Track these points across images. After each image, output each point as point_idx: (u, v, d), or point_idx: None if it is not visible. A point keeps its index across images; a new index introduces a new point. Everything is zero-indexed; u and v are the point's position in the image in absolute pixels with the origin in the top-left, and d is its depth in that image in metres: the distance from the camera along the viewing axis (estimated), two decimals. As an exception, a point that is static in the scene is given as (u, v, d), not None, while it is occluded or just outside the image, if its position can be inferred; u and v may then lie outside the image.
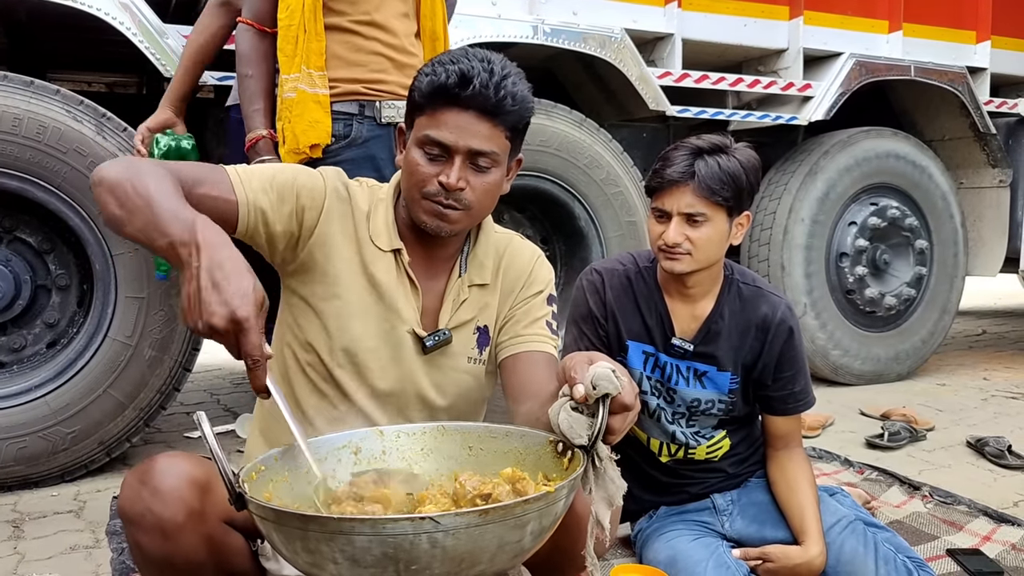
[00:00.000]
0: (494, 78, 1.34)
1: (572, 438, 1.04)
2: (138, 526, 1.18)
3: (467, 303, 1.53)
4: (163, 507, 1.16)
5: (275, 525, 0.89)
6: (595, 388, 1.02)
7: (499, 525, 0.87)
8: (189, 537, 1.19)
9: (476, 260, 1.55)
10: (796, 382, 1.95)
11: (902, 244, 4.42)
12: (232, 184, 1.35)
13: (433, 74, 1.37)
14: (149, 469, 1.20)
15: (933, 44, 4.42)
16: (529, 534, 0.92)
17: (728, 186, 1.77)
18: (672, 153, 1.81)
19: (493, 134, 1.38)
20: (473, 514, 0.85)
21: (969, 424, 3.58)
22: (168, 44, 2.76)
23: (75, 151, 2.64)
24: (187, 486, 1.19)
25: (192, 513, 1.19)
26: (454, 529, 0.84)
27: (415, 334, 1.49)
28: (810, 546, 1.82)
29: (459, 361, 1.54)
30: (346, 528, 0.84)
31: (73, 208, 2.68)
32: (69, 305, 2.88)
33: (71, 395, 2.69)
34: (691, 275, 1.87)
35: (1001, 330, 6.54)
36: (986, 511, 2.47)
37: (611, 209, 3.52)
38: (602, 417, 1.02)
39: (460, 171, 1.38)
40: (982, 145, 4.63)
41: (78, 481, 2.74)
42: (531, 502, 0.89)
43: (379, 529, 0.83)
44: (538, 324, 1.56)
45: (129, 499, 1.19)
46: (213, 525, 1.24)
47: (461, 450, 1.18)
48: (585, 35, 3.44)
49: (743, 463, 2.07)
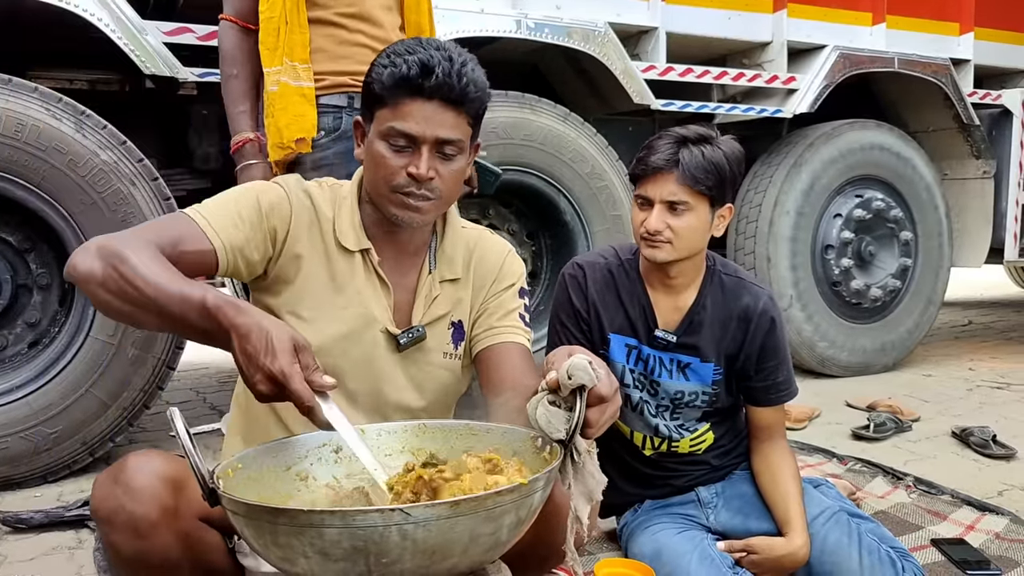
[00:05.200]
0: (455, 66, 1.34)
1: (550, 432, 1.04)
2: (111, 525, 1.16)
3: (439, 299, 1.53)
4: (136, 504, 1.15)
5: (246, 520, 0.88)
6: (571, 379, 1.01)
7: (471, 517, 0.86)
8: (163, 535, 1.18)
9: (445, 255, 1.54)
10: (779, 372, 1.95)
11: (887, 236, 4.43)
12: (203, 231, 1.33)
13: (392, 65, 1.35)
14: (121, 467, 1.18)
15: (916, 36, 4.43)
16: (505, 527, 0.91)
17: (712, 175, 1.77)
18: (656, 141, 1.81)
19: (458, 122, 1.38)
20: (444, 506, 0.84)
21: (954, 414, 3.59)
22: (148, 41, 2.74)
23: (54, 149, 2.62)
24: (160, 483, 1.18)
25: (166, 510, 1.17)
26: (425, 521, 0.83)
27: (388, 332, 1.48)
28: (794, 537, 1.82)
29: (434, 357, 1.53)
30: (316, 521, 0.84)
31: (53, 206, 2.66)
32: (50, 304, 2.86)
33: (53, 395, 2.67)
34: (673, 265, 1.86)
35: (986, 320, 6.57)
36: (969, 500, 2.48)
37: (596, 203, 3.52)
38: (579, 410, 1.02)
39: (429, 161, 1.37)
40: (966, 136, 4.65)
41: (61, 482, 2.72)
42: (504, 494, 0.88)
43: (348, 521, 0.83)
44: (511, 316, 1.55)
45: (101, 498, 1.17)
46: (188, 522, 1.23)
47: (442, 447, 1.17)
48: (569, 29, 3.43)
49: (727, 455, 2.06)
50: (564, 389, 1.03)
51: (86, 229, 2.69)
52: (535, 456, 1.09)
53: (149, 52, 2.74)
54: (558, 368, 1.05)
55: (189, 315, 1.13)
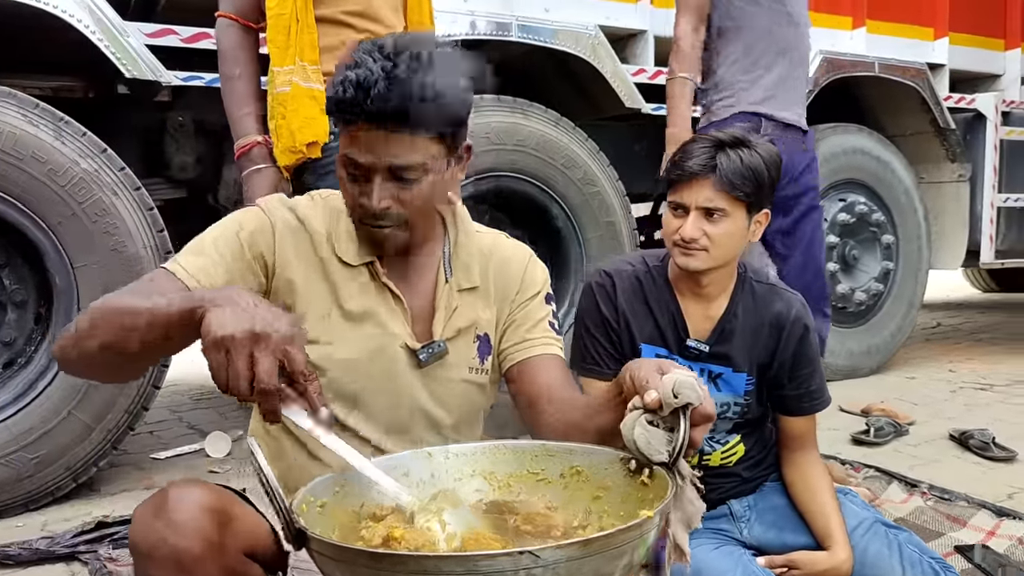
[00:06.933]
0: (395, 84, 1.16)
1: (650, 455, 0.96)
2: (152, 560, 1.07)
3: (460, 310, 1.43)
4: (179, 538, 1.06)
5: (343, 565, 0.79)
6: (676, 397, 0.93)
7: (599, 557, 0.78)
8: (208, 570, 1.08)
9: (460, 263, 1.44)
10: (812, 380, 1.90)
11: (869, 239, 4.45)
12: (182, 281, 1.24)
13: (334, 84, 1.21)
14: (163, 499, 1.09)
15: (894, 41, 4.47)
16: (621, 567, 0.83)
17: (750, 181, 1.71)
18: (692, 145, 1.75)
19: (413, 144, 1.21)
20: (575, 546, 0.76)
21: (946, 417, 3.60)
22: (130, 43, 2.60)
23: (32, 157, 2.47)
24: (205, 516, 1.09)
25: (211, 544, 1.08)
26: (554, 563, 0.75)
27: (408, 347, 1.38)
28: (837, 551, 1.77)
29: (459, 372, 1.43)
30: (432, 568, 0.75)
31: (31, 218, 2.51)
32: (26, 322, 2.70)
33: (34, 418, 2.52)
34: (707, 273, 1.80)
35: (954, 322, 6.66)
36: (985, 505, 2.46)
37: (589, 210, 3.46)
38: (684, 430, 0.94)
39: (380, 191, 1.24)
40: (941, 140, 4.70)
41: (43, 510, 2.57)
42: (631, 529, 0.80)
43: (470, 567, 0.74)
44: (541, 326, 1.47)
45: (141, 532, 1.08)
46: (233, 557, 1.14)
47: (516, 470, 1.09)
48: (559, 32, 3.37)
49: (757, 467, 2.00)
50: (666, 408, 0.95)
51: (66, 241, 2.55)
52: (627, 480, 1.01)
53: (131, 55, 2.62)
54: (655, 386, 0.97)
55: (170, 312, 1.04)
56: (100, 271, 2.57)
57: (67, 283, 2.56)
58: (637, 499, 0.97)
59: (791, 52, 2.73)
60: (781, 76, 2.70)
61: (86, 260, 2.56)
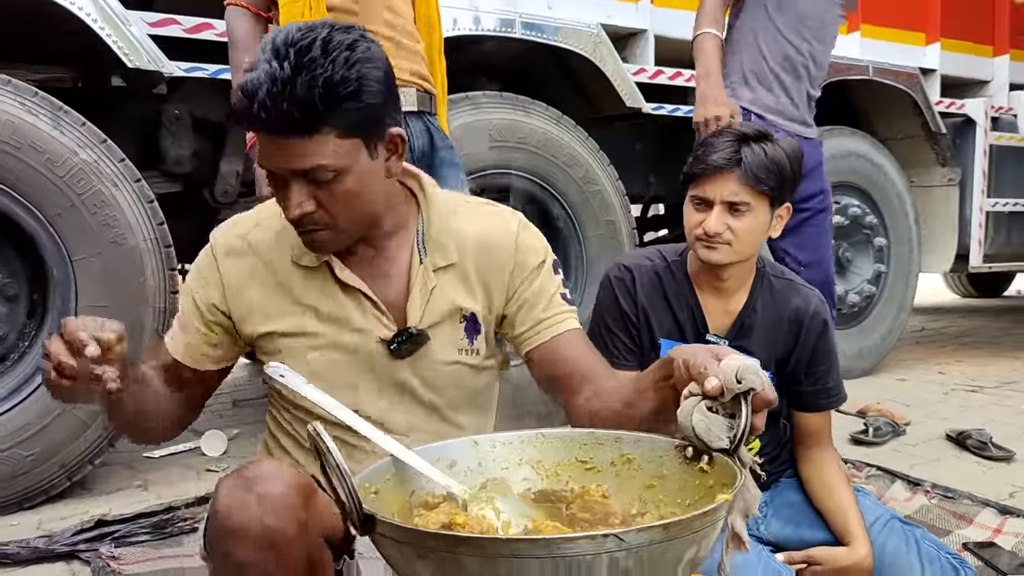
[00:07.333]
0: (279, 87, 1.08)
1: (711, 441, 0.94)
2: (241, 538, 1.01)
3: (440, 291, 1.34)
4: (274, 517, 1.01)
5: (416, 550, 0.76)
6: (740, 383, 0.92)
7: (680, 541, 0.76)
8: (297, 552, 1.04)
9: (433, 241, 1.35)
10: (830, 377, 1.89)
11: (862, 242, 4.48)
12: (168, 349, 1.36)
13: (235, 100, 1.15)
14: (255, 474, 1.04)
15: (887, 45, 4.50)
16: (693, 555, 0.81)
17: (774, 175, 1.70)
18: (715, 139, 1.73)
19: (315, 145, 1.13)
20: (657, 529, 0.74)
21: (940, 418, 3.62)
22: (132, 32, 2.55)
23: (30, 147, 2.42)
24: (296, 495, 1.04)
25: (302, 525, 1.04)
26: (637, 547, 0.73)
27: (382, 340, 1.32)
28: (858, 547, 1.76)
29: (447, 354, 1.36)
30: (512, 551, 0.72)
31: (28, 209, 2.45)
32: (18, 316, 2.64)
33: (29, 415, 2.46)
34: (727, 267, 1.79)
35: (938, 326, 6.72)
36: (989, 503, 2.47)
37: (590, 208, 3.45)
38: (746, 416, 0.92)
39: (297, 196, 1.17)
40: (932, 144, 4.73)
41: (38, 508, 2.50)
42: (711, 513, 0.78)
43: (553, 550, 0.71)
44: (555, 302, 1.39)
45: (234, 506, 1.02)
46: (315, 539, 1.10)
47: (563, 458, 1.06)
48: (562, 29, 3.35)
49: (772, 463, 1.99)
50: (728, 394, 0.93)
51: (64, 233, 2.50)
52: (684, 468, 0.99)
53: (134, 44, 2.56)
54: (714, 372, 0.95)
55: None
56: (99, 262, 2.51)
57: (65, 275, 2.51)
58: (695, 486, 0.96)
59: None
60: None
61: (85, 252, 2.50)
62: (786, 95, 2.69)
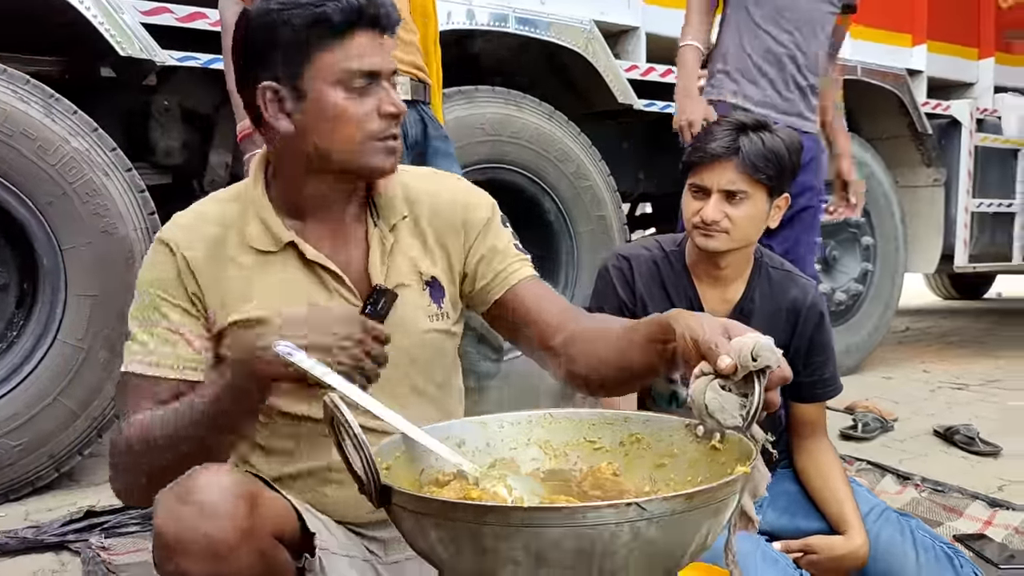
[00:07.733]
0: None
1: (724, 420, 0.94)
2: (181, 550, 1.00)
3: (397, 249, 1.33)
4: (212, 525, 1.00)
5: (435, 520, 0.76)
6: (755, 360, 0.92)
7: (702, 511, 0.76)
8: (243, 558, 1.03)
9: (383, 200, 1.33)
10: (826, 368, 1.91)
11: (849, 240, 4.52)
12: (155, 374, 1.22)
13: (322, 4, 1.17)
14: (190, 484, 1.03)
15: (875, 46, 4.54)
16: (713, 527, 0.82)
17: (772, 164, 1.71)
18: (714, 128, 1.74)
19: (393, 44, 1.27)
20: (680, 499, 0.74)
21: (927, 414, 3.65)
22: (124, 20, 2.53)
23: (22, 134, 2.39)
24: (236, 500, 1.03)
25: (243, 530, 1.03)
26: (660, 516, 0.73)
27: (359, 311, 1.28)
28: (854, 536, 1.77)
29: (419, 323, 1.34)
30: (534, 519, 0.72)
31: (18, 197, 2.42)
32: (7, 306, 2.61)
33: (18, 404, 2.43)
34: (725, 256, 1.79)
35: (922, 326, 6.78)
36: (978, 496, 2.49)
37: (581, 203, 3.45)
38: (759, 393, 0.92)
39: (394, 95, 1.24)
40: (917, 145, 4.78)
41: (25, 500, 2.48)
42: (731, 484, 0.79)
43: (575, 519, 0.71)
44: (509, 251, 1.39)
45: (169, 520, 1.01)
46: (264, 541, 1.09)
47: (572, 439, 1.06)
48: (554, 25, 3.36)
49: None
50: (741, 372, 0.93)
51: (54, 222, 2.47)
52: (695, 446, 0.99)
53: (126, 33, 2.54)
54: (726, 350, 0.95)
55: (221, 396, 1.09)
56: (89, 251, 2.49)
57: (54, 264, 2.48)
58: (708, 463, 0.96)
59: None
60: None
61: (75, 241, 2.48)
62: (772, 88, 2.68)
